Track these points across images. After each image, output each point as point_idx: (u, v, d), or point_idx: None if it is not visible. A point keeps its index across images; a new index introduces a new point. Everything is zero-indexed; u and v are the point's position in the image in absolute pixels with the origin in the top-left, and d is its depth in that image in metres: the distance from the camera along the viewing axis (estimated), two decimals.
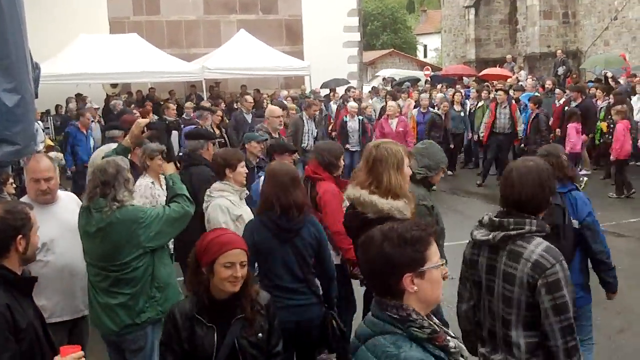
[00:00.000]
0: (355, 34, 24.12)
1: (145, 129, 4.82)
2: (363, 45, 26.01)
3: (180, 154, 6.31)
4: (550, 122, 13.84)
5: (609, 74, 17.51)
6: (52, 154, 12.60)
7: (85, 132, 12.30)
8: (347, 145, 12.75)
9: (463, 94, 16.65)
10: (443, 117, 14.66)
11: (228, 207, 4.99)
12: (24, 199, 4.42)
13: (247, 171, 5.35)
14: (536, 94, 15.82)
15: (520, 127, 13.63)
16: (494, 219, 3.14)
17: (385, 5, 57.68)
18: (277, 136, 8.46)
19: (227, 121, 13.11)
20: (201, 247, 3.17)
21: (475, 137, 15.09)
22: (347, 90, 18.48)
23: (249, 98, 13.75)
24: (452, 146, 14.57)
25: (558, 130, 13.88)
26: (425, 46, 60.92)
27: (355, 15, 24.09)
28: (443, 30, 36.34)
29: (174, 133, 7.07)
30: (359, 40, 24.41)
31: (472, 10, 30.34)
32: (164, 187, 5.02)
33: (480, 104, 15.52)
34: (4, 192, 6.92)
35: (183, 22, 21.86)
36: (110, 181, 4.13)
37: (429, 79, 24.35)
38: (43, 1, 18.03)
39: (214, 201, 5.06)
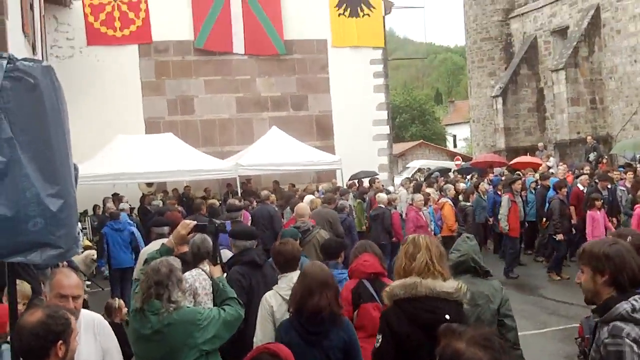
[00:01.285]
0: (385, 127, 24.43)
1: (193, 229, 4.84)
2: (392, 137, 26.28)
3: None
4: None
5: None
6: (87, 252, 12.77)
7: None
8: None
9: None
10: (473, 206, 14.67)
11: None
12: None
13: None
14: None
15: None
16: None
17: (413, 98, 58.68)
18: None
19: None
20: None
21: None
22: (372, 181, 18.47)
23: (272, 197, 14.06)
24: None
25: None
26: (454, 136, 61.46)
27: (384, 109, 24.46)
28: (472, 120, 36.70)
29: None
30: (388, 133, 24.69)
31: (500, 100, 30.70)
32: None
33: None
34: (42, 294, 6.95)
35: (217, 121, 22.39)
36: (164, 281, 4.10)
37: (456, 169, 24.47)
38: (80, 103, 18.71)
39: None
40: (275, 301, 4.90)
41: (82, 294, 4.12)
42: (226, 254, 6.07)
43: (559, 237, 12.90)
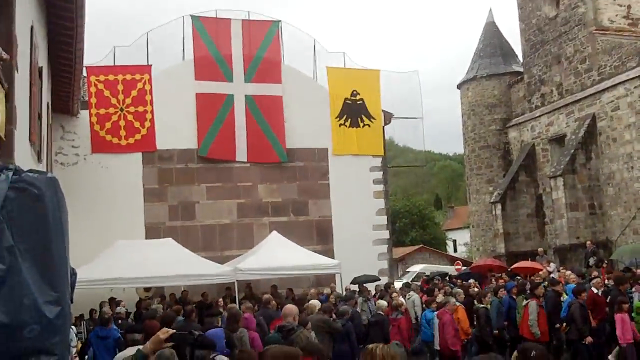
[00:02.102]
0: (385, 231, 24.55)
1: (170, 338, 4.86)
2: (392, 242, 26.35)
3: None
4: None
5: None
6: None
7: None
8: None
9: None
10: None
11: None
12: None
13: None
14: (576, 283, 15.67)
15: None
16: None
17: (413, 204, 59.17)
18: None
19: None
20: None
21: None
22: (387, 287, 18.51)
23: (273, 302, 14.21)
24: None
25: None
26: (454, 241, 61.57)
27: (384, 214, 24.66)
28: (471, 225, 36.91)
29: None
30: (388, 238, 24.78)
31: (499, 206, 31.02)
32: None
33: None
34: None
35: (217, 226, 22.54)
36: None
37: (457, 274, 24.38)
38: (83, 209, 18.89)
39: None
40: None
41: None
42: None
43: (588, 340, 12.78)
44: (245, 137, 22.90)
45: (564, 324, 13.82)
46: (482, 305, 14.44)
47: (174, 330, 5.04)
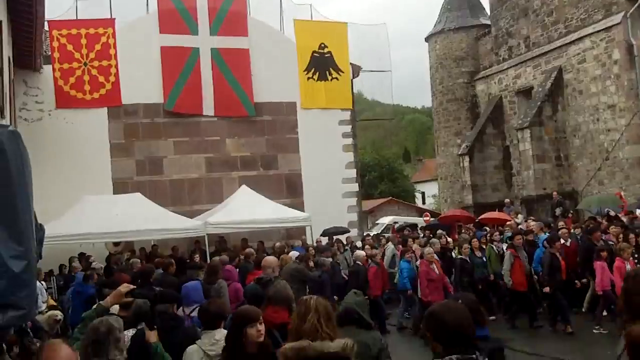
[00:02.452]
0: (354, 184, 24.68)
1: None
2: (362, 194, 26.50)
3: None
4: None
5: (612, 213, 17.72)
6: (51, 312, 12.60)
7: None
8: None
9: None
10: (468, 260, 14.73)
11: None
12: None
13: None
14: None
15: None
16: None
17: (382, 156, 59.40)
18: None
19: None
20: None
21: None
22: (363, 239, 18.87)
23: (250, 250, 14.23)
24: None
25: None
26: (423, 193, 62.12)
27: (353, 168, 24.76)
28: (439, 177, 37.22)
29: None
30: (357, 191, 24.93)
31: (467, 158, 31.27)
32: None
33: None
34: (5, 356, 6.85)
35: (186, 181, 22.44)
36: (102, 340, 4.15)
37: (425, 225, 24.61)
38: (49, 165, 18.68)
39: None
40: (197, 355, 5.22)
41: None
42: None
43: (546, 289, 13.10)
44: (212, 90, 22.67)
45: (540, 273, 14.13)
46: (460, 256, 14.74)
47: (134, 286, 5.15)
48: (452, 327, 3.49)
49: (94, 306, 5.13)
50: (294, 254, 14.47)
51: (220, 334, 5.38)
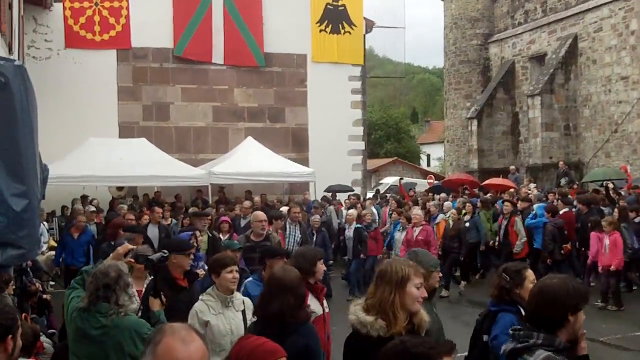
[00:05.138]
0: (360, 142, 24.54)
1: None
2: (367, 153, 26.39)
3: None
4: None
5: (611, 185, 17.64)
6: (50, 253, 12.67)
7: (76, 236, 12.24)
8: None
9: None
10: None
11: (200, 311, 5.04)
12: None
13: (235, 277, 5.23)
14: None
15: (520, 241, 13.60)
16: (512, 332, 3.20)
17: (389, 116, 58.95)
18: (258, 240, 8.80)
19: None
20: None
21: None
22: (349, 197, 18.76)
23: (247, 203, 14.14)
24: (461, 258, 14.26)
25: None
26: (428, 155, 61.89)
27: (360, 125, 24.58)
28: (446, 140, 37.02)
29: None
30: (363, 149, 24.80)
31: (475, 122, 31.03)
32: None
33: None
34: (4, 292, 6.88)
35: (192, 129, 22.33)
36: (112, 285, 4.11)
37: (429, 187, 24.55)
38: (55, 105, 18.56)
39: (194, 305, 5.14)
40: (201, 306, 5.11)
41: None
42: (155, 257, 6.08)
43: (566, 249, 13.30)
44: (223, 38, 22.39)
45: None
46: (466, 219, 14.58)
47: (134, 247, 5.10)
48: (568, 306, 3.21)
49: (96, 262, 5.09)
50: (283, 209, 14.39)
51: None
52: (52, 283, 13.20)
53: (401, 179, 28.93)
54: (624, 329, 10.41)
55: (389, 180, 36.31)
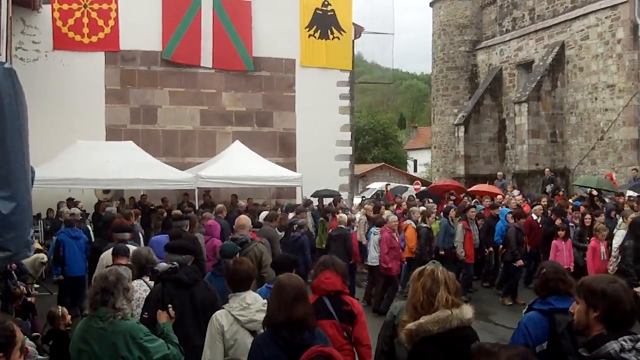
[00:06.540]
0: (348, 148, 24.57)
1: None
2: (354, 158, 26.42)
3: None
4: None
5: (594, 192, 17.79)
6: (36, 255, 12.57)
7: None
8: None
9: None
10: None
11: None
12: None
13: None
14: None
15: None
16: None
17: (377, 121, 59.12)
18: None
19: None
20: None
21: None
22: (336, 201, 18.72)
23: (220, 207, 14.36)
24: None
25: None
26: (415, 161, 62.09)
27: (348, 131, 24.62)
28: (433, 146, 37.15)
29: None
30: (350, 154, 24.83)
31: (462, 128, 31.18)
32: None
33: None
34: None
35: (179, 132, 22.28)
36: (110, 288, 4.16)
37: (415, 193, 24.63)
38: (42, 107, 18.47)
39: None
40: (227, 321, 4.78)
41: None
42: (162, 267, 5.97)
43: (519, 263, 13.33)
44: (212, 42, 22.36)
45: (500, 247, 14.41)
46: (424, 225, 14.09)
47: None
48: (629, 307, 3.24)
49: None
50: (264, 214, 14.42)
51: (251, 297, 4.99)
52: (37, 286, 13.13)
53: (388, 184, 28.97)
54: None
55: (376, 186, 36.40)
